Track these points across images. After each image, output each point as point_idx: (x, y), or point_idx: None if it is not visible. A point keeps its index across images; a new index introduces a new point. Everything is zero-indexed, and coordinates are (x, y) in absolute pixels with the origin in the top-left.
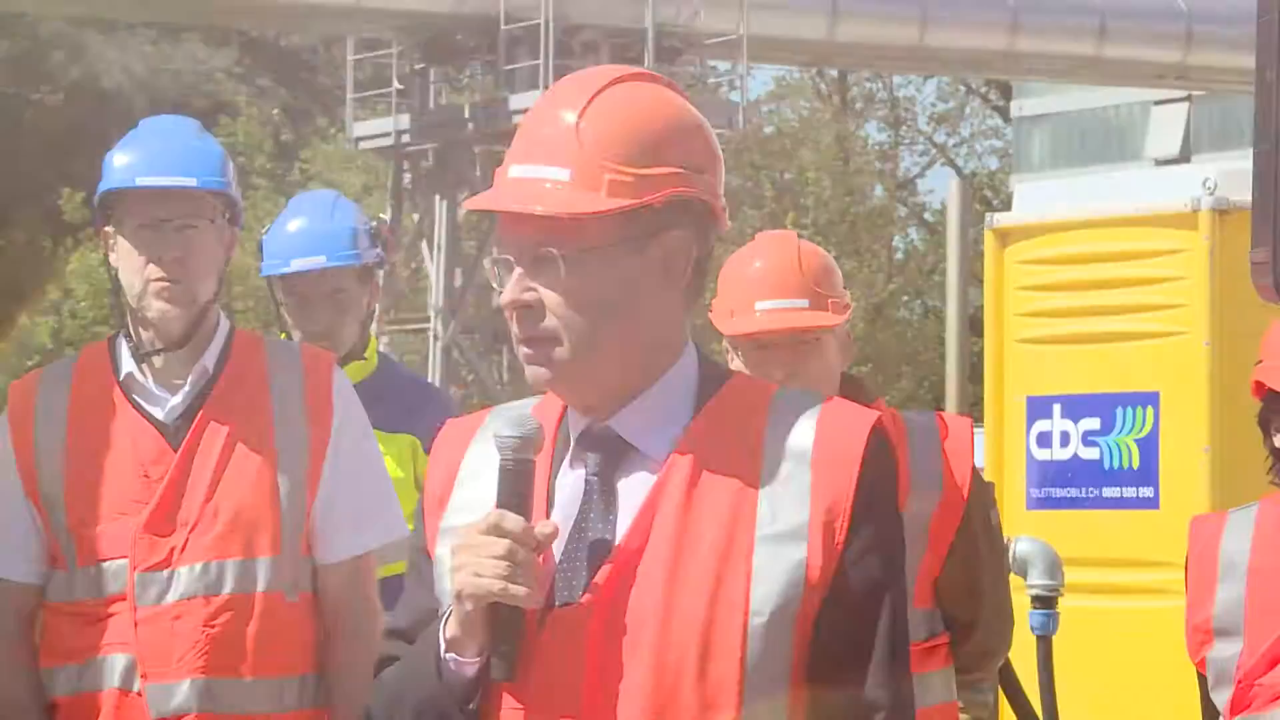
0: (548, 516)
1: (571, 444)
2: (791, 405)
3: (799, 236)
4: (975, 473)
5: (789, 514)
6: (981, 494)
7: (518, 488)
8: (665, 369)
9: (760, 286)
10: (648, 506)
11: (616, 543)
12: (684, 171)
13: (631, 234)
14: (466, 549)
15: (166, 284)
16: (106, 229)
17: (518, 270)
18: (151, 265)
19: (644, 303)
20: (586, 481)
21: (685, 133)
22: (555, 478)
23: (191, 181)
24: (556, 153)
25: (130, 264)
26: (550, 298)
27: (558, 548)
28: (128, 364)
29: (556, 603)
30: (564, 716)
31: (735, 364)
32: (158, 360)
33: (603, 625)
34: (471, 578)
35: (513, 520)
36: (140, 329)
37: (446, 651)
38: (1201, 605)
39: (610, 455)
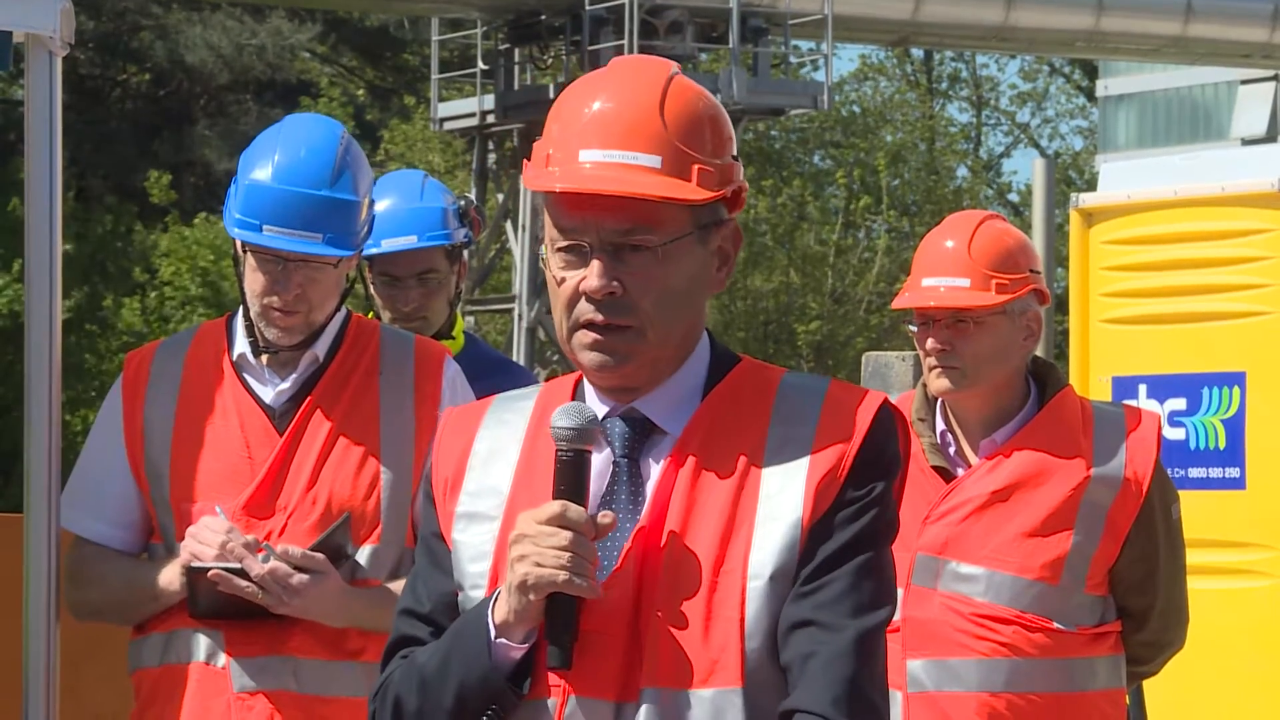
0: None
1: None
2: (799, 387)
3: (991, 218)
4: (1158, 466)
5: (789, 485)
6: (1163, 488)
7: (575, 479)
8: (689, 354)
9: (927, 263)
10: (662, 486)
11: (639, 524)
12: (737, 163)
13: (701, 224)
14: (528, 539)
15: (283, 314)
16: (234, 237)
17: (599, 257)
18: (271, 296)
19: (702, 292)
20: (615, 463)
21: (730, 126)
22: None
23: (316, 243)
24: (644, 139)
25: (252, 283)
26: (636, 286)
27: None
28: (241, 344)
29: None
30: (604, 696)
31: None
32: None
33: (630, 605)
34: (534, 568)
35: (575, 511)
36: (257, 326)
37: (496, 636)
38: None
39: (636, 437)
